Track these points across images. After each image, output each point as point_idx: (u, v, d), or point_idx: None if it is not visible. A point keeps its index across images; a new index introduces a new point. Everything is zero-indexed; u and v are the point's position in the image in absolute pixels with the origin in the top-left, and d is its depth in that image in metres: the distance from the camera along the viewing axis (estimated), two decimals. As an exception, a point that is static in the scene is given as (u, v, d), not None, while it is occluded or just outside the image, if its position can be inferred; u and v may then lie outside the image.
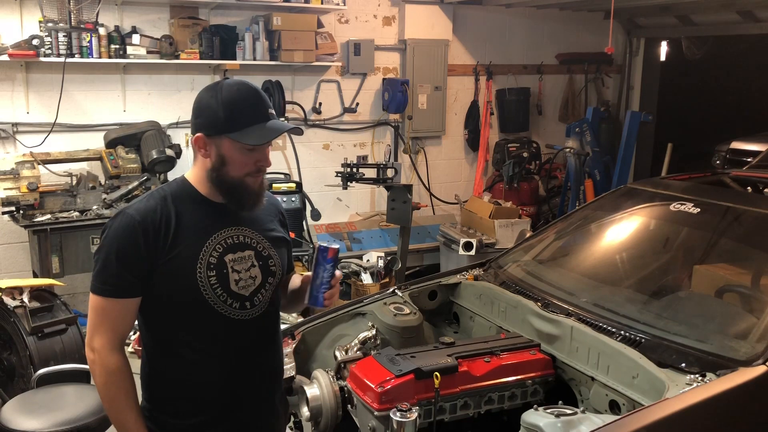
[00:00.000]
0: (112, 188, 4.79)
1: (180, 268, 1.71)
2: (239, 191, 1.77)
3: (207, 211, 1.78)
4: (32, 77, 4.98)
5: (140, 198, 1.79)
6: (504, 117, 6.97)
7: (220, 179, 1.75)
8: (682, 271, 2.95)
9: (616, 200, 3.26)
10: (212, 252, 1.75)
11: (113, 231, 1.70)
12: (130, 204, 1.75)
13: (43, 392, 2.96)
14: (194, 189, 1.79)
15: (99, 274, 1.70)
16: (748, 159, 6.21)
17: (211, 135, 1.73)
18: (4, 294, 3.63)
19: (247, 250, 1.81)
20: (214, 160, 1.74)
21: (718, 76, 9.09)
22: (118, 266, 1.68)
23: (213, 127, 1.72)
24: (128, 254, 1.68)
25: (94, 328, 1.72)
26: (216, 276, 1.74)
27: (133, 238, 1.68)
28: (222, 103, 1.71)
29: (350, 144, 6.30)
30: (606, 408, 2.28)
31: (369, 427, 2.21)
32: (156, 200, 1.74)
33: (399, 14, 6.32)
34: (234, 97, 1.72)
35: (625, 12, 7.05)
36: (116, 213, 1.74)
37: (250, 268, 1.81)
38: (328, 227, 5.88)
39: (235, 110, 1.71)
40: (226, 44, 5.37)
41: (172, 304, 1.74)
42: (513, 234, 5.42)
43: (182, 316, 1.75)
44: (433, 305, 3.07)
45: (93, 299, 1.72)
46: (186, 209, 1.75)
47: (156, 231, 1.69)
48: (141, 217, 1.69)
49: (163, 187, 1.81)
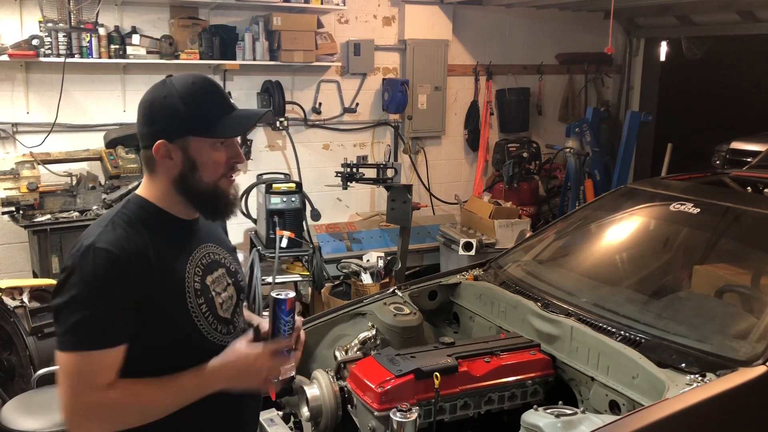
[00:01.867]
0: (112, 188, 4.79)
1: (169, 302, 1.50)
2: (214, 198, 1.56)
3: (177, 231, 1.57)
4: (32, 77, 4.98)
5: (97, 227, 1.49)
6: (504, 117, 6.97)
7: (192, 188, 1.54)
8: (682, 271, 2.95)
9: (616, 200, 3.26)
10: (194, 276, 1.55)
11: (88, 271, 1.42)
12: (92, 237, 1.46)
13: (43, 392, 2.96)
14: (157, 208, 1.55)
15: (78, 325, 1.41)
16: (748, 159, 6.22)
17: (173, 139, 1.51)
18: (4, 294, 3.63)
19: (220, 269, 1.63)
20: (181, 167, 1.52)
21: (718, 76, 9.09)
22: (104, 311, 1.41)
23: (175, 129, 1.51)
24: (113, 295, 1.42)
25: (74, 389, 1.42)
26: (205, 302, 1.55)
27: (115, 276, 1.42)
28: (181, 100, 1.50)
29: (350, 144, 6.30)
30: (606, 408, 2.28)
31: (369, 427, 2.21)
32: (122, 228, 1.48)
33: (399, 14, 6.32)
34: (192, 91, 1.52)
35: (625, 12, 7.04)
36: (79, 250, 1.44)
37: (227, 287, 1.63)
38: (328, 227, 5.88)
39: (198, 105, 1.51)
40: (226, 44, 5.37)
41: (163, 342, 1.50)
42: (513, 234, 5.42)
43: (172, 353, 1.51)
44: (433, 305, 3.07)
45: (72, 358, 1.42)
46: (157, 233, 1.52)
47: (137, 263, 1.45)
48: (118, 249, 1.43)
49: (119, 212, 1.54)
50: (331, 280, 5.33)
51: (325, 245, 5.66)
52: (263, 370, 1.52)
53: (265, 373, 1.52)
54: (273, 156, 5.91)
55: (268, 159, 5.86)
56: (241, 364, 1.50)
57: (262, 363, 1.51)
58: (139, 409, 1.46)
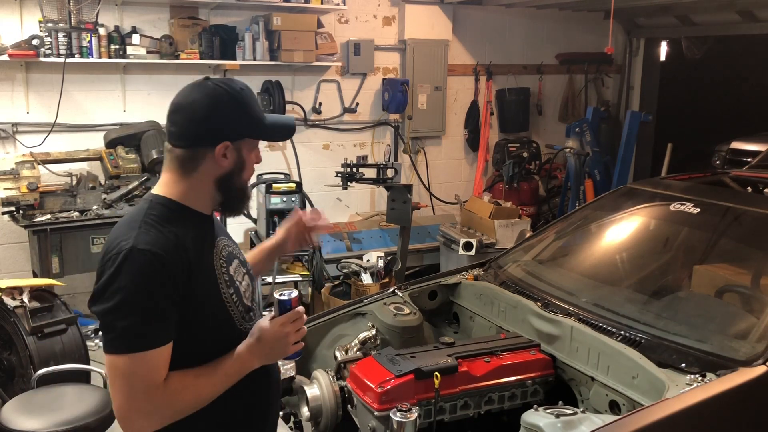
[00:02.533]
0: (112, 188, 4.80)
1: (207, 295, 1.58)
2: (244, 196, 1.68)
3: (200, 225, 1.63)
4: (32, 77, 4.98)
5: (132, 230, 1.52)
6: (504, 117, 6.97)
7: (233, 186, 1.63)
8: (682, 271, 2.95)
9: (616, 200, 3.26)
10: (221, 268, 1.63)
11: (132, 274, 1.45)
12: (129, 239, 1.49)
13: (43, 392, 2.97)
14: (180, 205, 1.60)
15: (130, 329, 1.44)
16: (748, 159, 6.21)
17: (234, 140, 1.59)
18: (4, 294, 3.63)
19: (235, 260, 1.71)
20: (232, 167, 1.60)
21: (718, 76, 9.09)
22: (153, 312, 1.46)
23: (238, 131, 1.59)
24: (160, 295, 1.47)
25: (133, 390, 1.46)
26: (234, 292, 1.64)
27: (161, 276, 1.47)
28: (239, 105, 1.59)
29: (350, 144, 6.31)
30: (606, 408, 2.28)
31: (369, 427, 2.21)
32: (157, 227, 1.53)
33: (399, 14, 6.32)
34: (245, 96, 1.61)
35: (625, 12, 7.04)
36: (120, 252, 1.47)
37: (244, 276, 1.72)
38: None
39: (252, 110, 1.61)
40: (226, 44, 5.38)
41: (203, 334, 1.58)
42: (513, 234, 5.42)
43: (211, 342, 1.59)
44: (433, 305, 3.07)
45: (125, 361, 1.45)
46: (184, 230, 1.57)
47: (177, 261, 1.50)
48: (160, 249, 1.48)
49: (146, 213, 1.56)
50: (331, 280, 5.33)
51: (325, 245, 5.66)
52: (289, 336, 1.62)
53: (291, 338, 1.62)
54: (273, 156, 5.92)
55: (268, 159, 5.85)
56: (270, 338, 1.60)
57: (288, 330, 1.61)
58: (193, 399, 1.54)
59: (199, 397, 1.55)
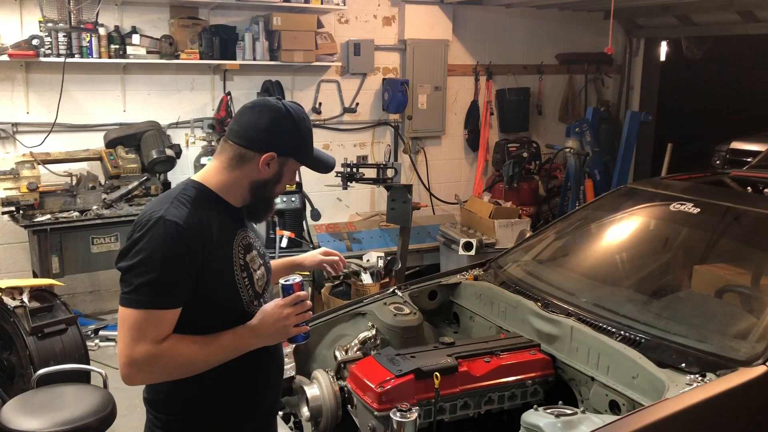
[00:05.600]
0: (112, 188, 4.79)
1: (220, 273, 1.72)
2: (268, 205, 1.86)
3: (227, 214, 1.79)
4: (32, 77, 4.98)
5: (164, 203, 1.69)
6: (504, 117, 6.97)
7: (264, 194, 1.81)
8: (682, 271, 2.95)
9: (616, 200, 3.26)
10: (238, 254, 1.77)
11: (156, 239, 1.62)
12: (161, 210, 1.66)
13: (43, 392, 2.96)
14: (214, 194, 1.77)
15: (144, 286, 1.60)
16: (748, 159, 6.21)
17: (281, 154, 1.77)
18: (4, 294, 3.63)
19: (254, 251, 1.85)
20: (270, 177, 1.79)
21: (718, 76, 9.09)
22: (168, 276, 1.62)
23: (288, 149, 1.78)
24: (178, 263, 1.62)
25: (134, 341, 1.61)
26: (247, 277, 1.78)
27: (182, 246, 1.63)
28: (298, 129, 1.79)
29: (350, 144, 6.31)
30: (606, 408, 2.28)
31: (369, 427, 2.21)
32: (187, 205, 1.69)
33: (399, 14, 6.32)
34: (305, 124, 1.82)
35: (625, 12, 7.05)
36: (150, 220, 1.64)
37: (260, 267, 1.86)
38: (328, 227, 5.88)
39: (306, 136, 1.82)
40: (226, 44, 5.38)
41: (209, 309, 1.72)
42: (513, 234, 5.42)
43: (217, 321, 1.72)
44: (433, 305, 3.07)
45: (133, 314, 1.61)
46: (212, 213, 1.74)
47: (200, 237, 1.66)
48: (185, 223, 1.64)
49: (180, 192, 1.74)
50: (331, 280, 5.33)
51: (325, 245, 5.65)
52: (289, 318, 1.74)
53: (291, 320, 1.74)
54: (273, 156, 5.91)
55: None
56: (269, 318, 1.74)
57: (287, 312, 1.74)
58: (183, 360, 1.66)
59: (190, 361, 1.66)
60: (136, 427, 3.64)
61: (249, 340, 1.73)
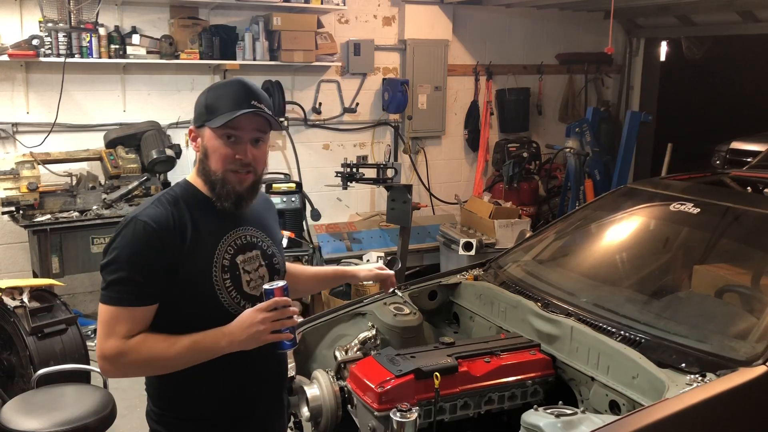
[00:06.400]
0: (112, 188, 4.79)
1: (196, 274, 1.70)
2: (221, 186, 1.74)
3: (215, 212, 1.77)
4: (32, 77, 4.98)
5: (146, 204, 1.73)
6: (504, 117, 6.97)
7: (205, 173, 1.76)
8: (682, 271, 2.95)
9: (616, 200, 3.26)
10: (224, 254, 1.75)
11: (126, 239, 1.65)
12: (139, 210, 1.71)
13: (43, 392, 2.97)
14: (198, 191, 1.78)
15: (113, 284, 1.65)
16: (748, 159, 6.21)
17: (197, 126, 1.76)
18: (4, 294, 3.63)
19: (254, 250, 1.82)
20: (201, 153, 1.77)
21: (718, 76, 9.09)
22: (135, 274, 1.64)
23: (198, 118, 1.76)
24: (145, 262, 1.65)
25: (105, 336, 1.65)
26: (230, 278, 1.75)
27: (149, 245, 1.65)
28: (207, 94, 1.76)
29: (350, 144, 6.31)
30: (606, 408, 2.28)
31: (369, 427, 2.21)
32: (165, 206, 1.71)
33: (399, 14, 6.32)
34: (220, 89, 1.76)
35: (625, 12, 7.05)
36: (125, 220, 1.69)
37: (258, 267, 1.82)
38: (328, 227, 5.88)
39: (217, 100, 1.73)
40: (226, 44, 5.38)
41: (187, 309, 1.71)
42: (513, 234, 5.42)
43: (197, 321, 1.70)
44: (433, 305, 3.07)
45: (105, 310, 1.66)
46: (196, 212, 1.74)
47: (172, 237, 1.67)
48: (155, 223, 1.66)
49: (168, 191, 1.78)
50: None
51: (325, 245, 5.66)
52: (264, 323, 1.68)
53: (266, 326, 1.68)
54: (273, 156, 5.92)
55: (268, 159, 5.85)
56: (243, 323, 1.69)
57: (261, 317, 1.68)
58: (149, 357, 1.66)
59: (157, 358, 1.66)
60: (136, 427, 3.65)
61: (219, 342, 1.68)
